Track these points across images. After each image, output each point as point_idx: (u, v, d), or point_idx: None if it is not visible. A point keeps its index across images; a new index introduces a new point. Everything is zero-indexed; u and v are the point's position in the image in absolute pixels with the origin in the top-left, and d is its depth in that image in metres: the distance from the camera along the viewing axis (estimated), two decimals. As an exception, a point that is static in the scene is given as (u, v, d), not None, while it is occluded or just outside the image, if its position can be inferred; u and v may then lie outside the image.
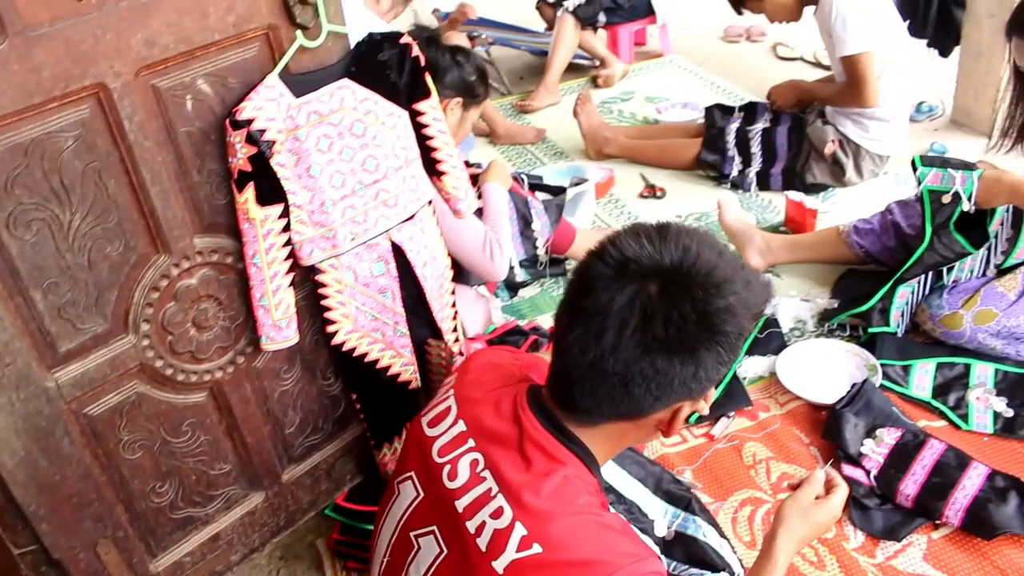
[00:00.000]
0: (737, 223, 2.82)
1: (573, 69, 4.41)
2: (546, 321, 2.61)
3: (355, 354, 1.68)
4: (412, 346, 1.73)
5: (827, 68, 3.72)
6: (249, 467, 1.72)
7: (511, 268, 2.54)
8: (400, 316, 1.69)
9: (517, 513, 1.14)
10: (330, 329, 1.64)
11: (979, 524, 1.84)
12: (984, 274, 2.34)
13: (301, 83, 1.49)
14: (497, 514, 1.15)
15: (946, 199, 2.25)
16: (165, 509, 1.64)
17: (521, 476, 1.17)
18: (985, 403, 2.17)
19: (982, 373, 2.24)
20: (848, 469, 2.00)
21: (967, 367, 2.27)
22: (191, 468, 1.64)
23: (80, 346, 1.44)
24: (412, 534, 1.27)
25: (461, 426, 1.26)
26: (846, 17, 2.87)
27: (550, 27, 4.41)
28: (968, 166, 2.25)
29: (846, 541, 1.89)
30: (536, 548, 1.11)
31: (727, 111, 3.42)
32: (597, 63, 4.43)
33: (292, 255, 1.55)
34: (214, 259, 1.53)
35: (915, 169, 2.31)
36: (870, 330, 2.39)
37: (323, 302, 1.62)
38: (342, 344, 1.66)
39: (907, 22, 3.72)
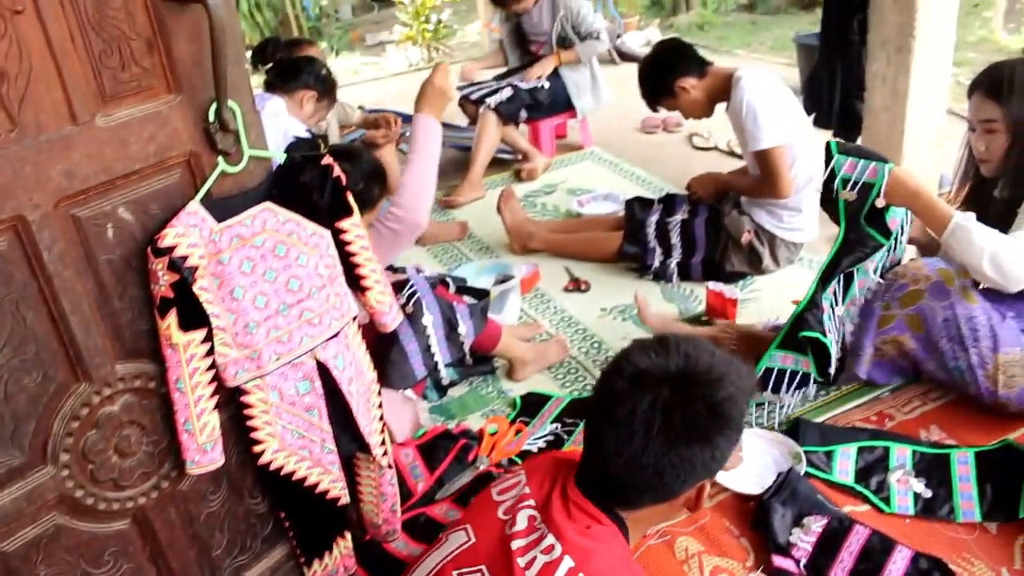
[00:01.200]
0: (657, 319, 2.90)
1: (497, 163, 4.51)
2: (476, 421, 2.62)
3: (282, 473, 1.66)
4: (340, 462, 1.72)
5: (741, 157, 3.87)
6: (176, 593, 1.68)
7: (437, 369, 2.56)
8: (327, 433, 1.69)
9: (567, 548, 1.41)
10: (256, 449, 1.63)
11: (906, 609, 1.88)
12: (883, 276, 2.42)
13: (223, 207, 1.51)
14: (548, 550, 1.42)
15: (850, 196, 2.29)
16: (87, 644, 1.59)
17: (569, 523, 1.47)
18: (905, 485, 2.24)
19: (901, 455, 2.31)
20: (778, 560, 2.03)
21: (886, 450, 2.34)
22: (115, 598, 1.60)
23: (-3, 481, 1.41)
24: (456, 572, 1.50)
25: (525, 490, 1.56)
26: (756, 113, 3.01)
27: (473, 122, 4.52)
28: (882, 158, 2.29)
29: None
30: None
31: (646, 203, 3.53)
32: (520, 157, 4.54)
33: (216, 377, 1.54)
34: (136, 385, 1.51)
35: (830, 156, 2.32)
36: (803, 333, 2.43)
37: (249, 422, 1.61)
38: (269, 463, 1.65)
39: (812, 115, 3.93)
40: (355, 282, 1.72)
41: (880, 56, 3.43)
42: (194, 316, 1.49)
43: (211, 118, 1.47)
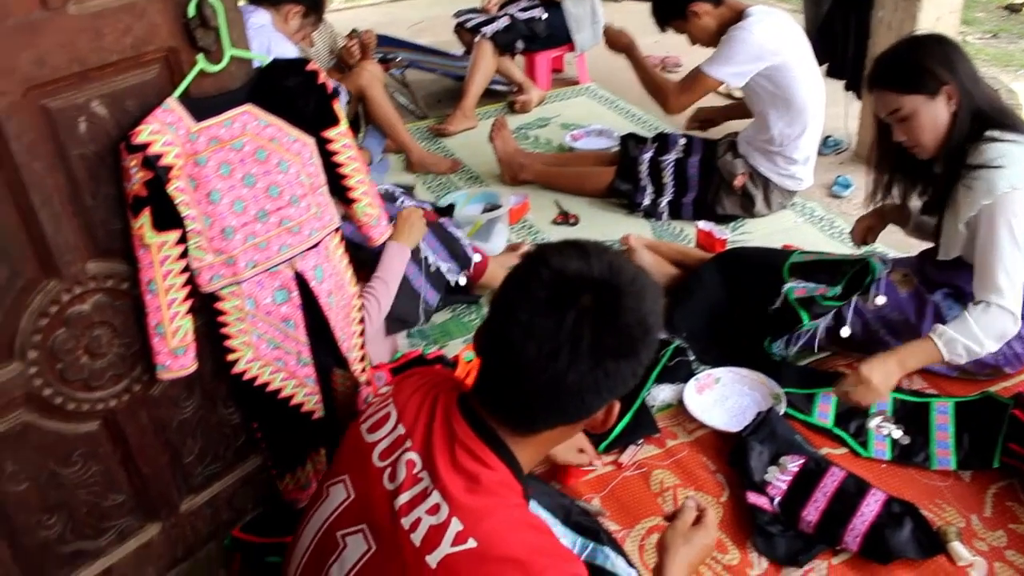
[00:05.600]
0: (652, 264, 2.86)
1: (490, 94, 4.43)
2: (454, 347, 2.61)
3: (256, 383, 1.64)
4: (316, 375, 1.70)
5: (737, 99, 3.81)
6: (145, 498, 1.66)
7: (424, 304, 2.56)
8: (304, 345, 1.66)
9: (453, 509, 1.20)
10: (230, 357, 1.61)
11: (876, 549, 1.88)
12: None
13: (202, 107, 1.46)
14: (433, 511, 1.21)
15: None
16: (53, 543, 1.57)
17: (455, 477, 1.24)
18: (883, 431, 2.23)
19: (881, 402, 2.30)
20: (752, 496, 2.04)
21: (867, 395, 2.33)
22: (82, 500, 1.58)
23: (-39, 375, 1.38)
24: (339, 533, 1.31)
25: (400, 430, 1.32)
26: (731, 44, 2.99)
27: (468, 51, 4.43)
28: (833, 278, 2.43)
29: (750, 568, 1.92)
30: (471, 543, 1.17)
31: (641, 141, 3.48)
32: (515, 89, 4.47)
33: (190, 281, 1.51)
34: (108, 285, 1.48)
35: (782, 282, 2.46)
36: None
37: (223, 330, 1.58)
38: (243, 373, 1.62)
39: (826, 64, 3.85)
40: (342, 193, 1.68)
41: (887, 2, 3.37)
42: (168, 217, 1.45)
43: (191, 13, 1.42)
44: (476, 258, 2.69)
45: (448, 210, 2.82)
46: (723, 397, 2.38)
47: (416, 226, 2.50)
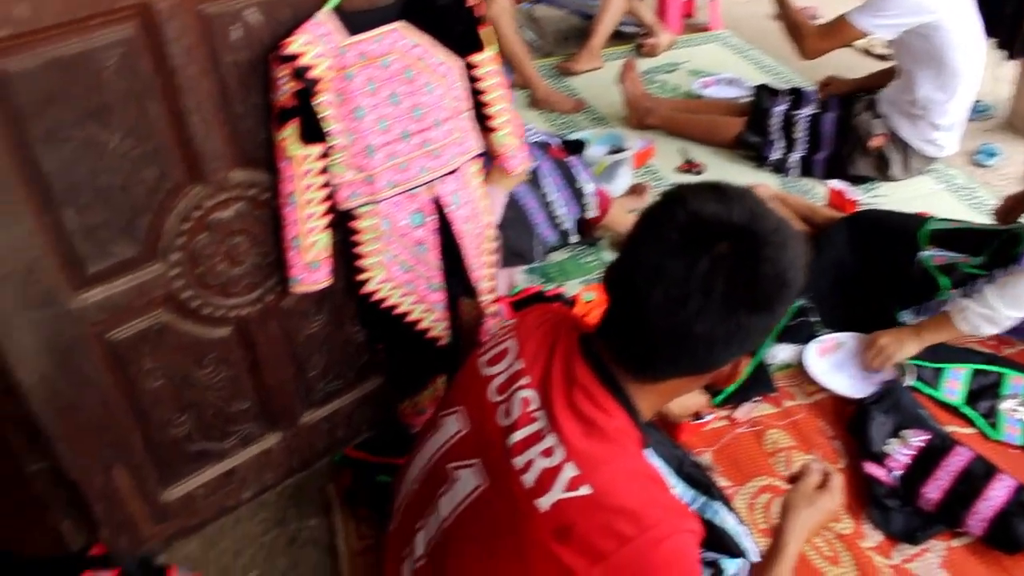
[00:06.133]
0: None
1: (618, 35, 4.32)
2: (571, 288, 2.58)
3: (385, 304, 1.64)
4: (446, 302, 1.69)
5: (879, 57, 3.63)
6: (268, 407, 1.70)
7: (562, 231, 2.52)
8: (435, 270, 1.65)
9: (570, 454, 1.16)
10: (361, 277, 1.61)
11: (1002, 537, 1.80)
12: None
13: (354, 22, 1.45)
14: (547, 453, 1.18)
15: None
16: (181, 441, 1.63)
17: (572, 420, 1.19)
18: (1016, 414, 2.13)
19: (1015, 384, 2.19)
20: (870, 467, 1.97)
21: (1000, 376, 2.22)
22: (210, 402, 1.62)
23: (108, 269, 1.42)
24: (450, 465, 1.30)
25: (519, 365, 1.28)
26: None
27: (598, -11, 4.33)
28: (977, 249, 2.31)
29: (862, 539, 1.86)
30: (585, 490, 1.13)
31: (774, 93, 3.35)
32: (644, 31, 4.35)
33: (329, 197, 1.51)
34: (251, 194, 1.50)
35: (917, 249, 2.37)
36: None
37: (356, 249, 1.58)
38: (373, 293, 1.63)
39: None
40: (483, 121, 1.66)
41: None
42: (313, 130, 1.45)
43: (348, -76, 1.40)
44: (596, 201, 2.64)
45: (577, 147, 2.77)
46: (845, 362, 2.29)
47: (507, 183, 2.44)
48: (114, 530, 1.63)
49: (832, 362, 2.30)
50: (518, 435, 1.21)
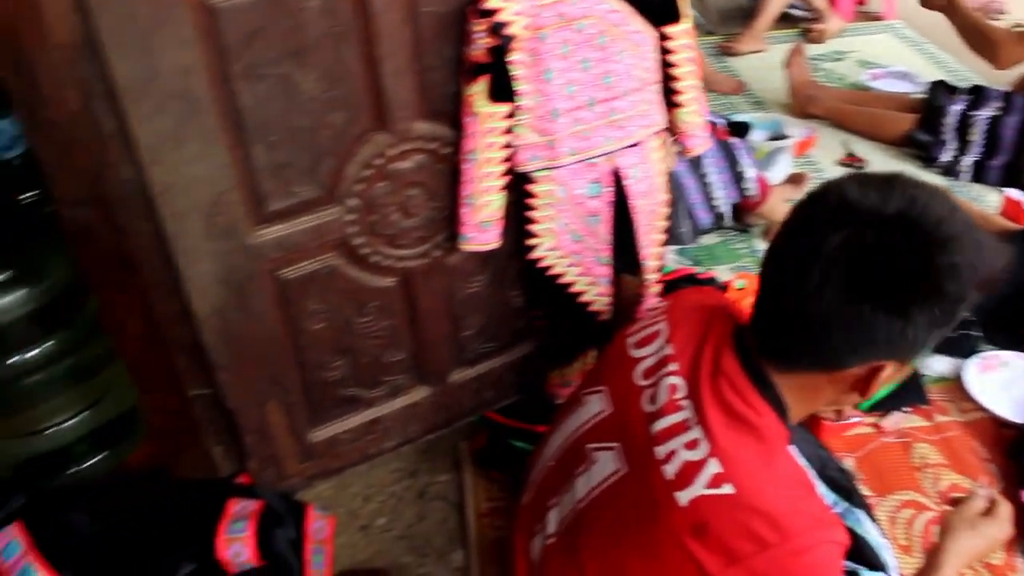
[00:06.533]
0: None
1: (785, 18, 4.17)
2: (722, 273, 2.51)
3: (550, 272, 1.62)
4: (611, 276, 1.66)
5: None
6: (421, 361, 1.71)
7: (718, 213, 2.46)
8: (605, 243, 1.62)
9: (713, 449, 1.11)
10: (530, 242, 1.59)
11: None
12: None
13: (555, -20, 1.42)
14: (692, 445, 1.13)
15: None
16: (334, 384, 1.65)
17: (719, 413, 1.14)
18: None
19: None
20: (1031, 497, 1.86)
21: None
22: (367, 350, 1.64)
23: (288, 209, 1.44)
24: (589, 446, 1.27)
25: (668, 350, 1.23)
26: None
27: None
28: None
29: (1013, 572, 1.76)
30: (727, 488, 1.08)
31: (952, 90, 3.17)
32: (812, 15, 4.18)
33: (509, 158, 1.49)
34: (431, 147, 1.49)
35: None
36: None
37: (528, 213, 1.56)
38: (539, 260, 1.61)
39: None
40: (668, 95, 1.60)
41: None
42: (503, 88, 1.43)
43: None
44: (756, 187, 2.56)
45: (742, 130, 2.69)
46: (1009, 383, 2.16)
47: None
48: (261, 462, 1.67)
49: (995, 381, 2.17)
50: (662, 423, 1.17)
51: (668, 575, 1.14)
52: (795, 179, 2.90)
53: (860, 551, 1.56)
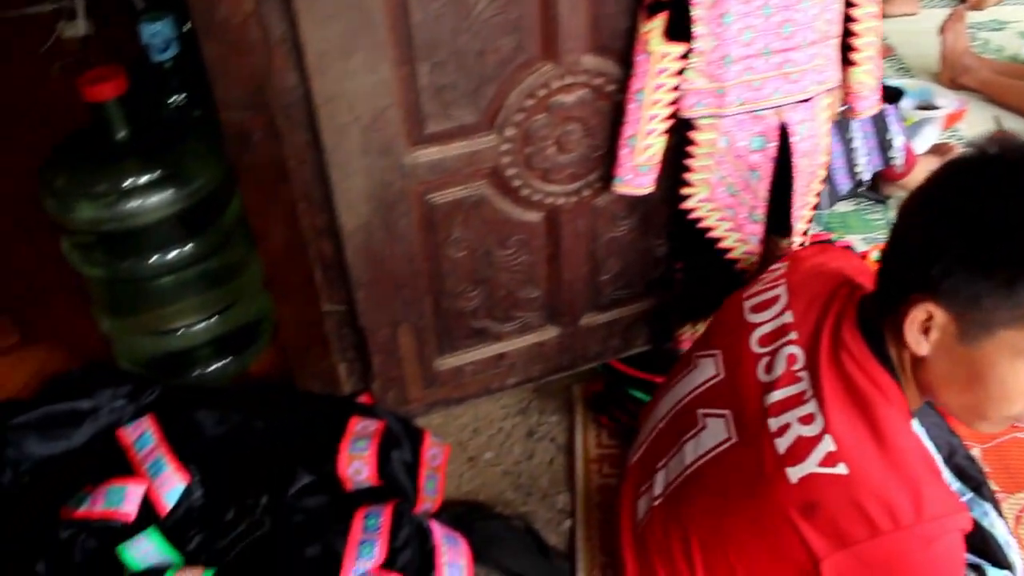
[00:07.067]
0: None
1: (941, -19, 3.96)
2: (859, 245, 2.41)
3: (700, 225, 1.57)
4: (762, 236, 1.60)
5: None
6: (555, 300, 1.68)
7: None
8: (761, 201, 1.55)
9: (829, 425, 1.06)
10: (684, 191, 1.54)
11: None
12: None
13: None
14: (807, 420, 1.09)
15: None
16: (466, 315, 1.63)
17: (837, 388, 1.09)
18: None
19: None
20: None
21: None
22: (503, 283, 1.62)
23: (446, 132, 1.41)
24: (700, 411, 1.24)
25: (787, 318, 1.19)
26: None
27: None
28: None
29: None
30: (841, 468, 1.04)
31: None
32: (972, -21, 3.96)
33: (675, 102, 1.43)
34: (597, 83, 1.44)
35: None
36: None
37: (687, 161, 1.50)
38: (691, 211, 1.55)
39: None
40: (845, 52, 1.52)
41: None
42: (680, 28, 1.37)
43: None
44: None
45: (895, 96, 2.55)
46: None
47: None
48: (385, 384, 1.67)
49: None
50: (777, 395, 1.12)
51: (774, 551, 1.11)
52: (941, 150, 2.76)
53: (985, 546, 1.50)
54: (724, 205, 1.55)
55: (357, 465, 1.57)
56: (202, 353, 1.91)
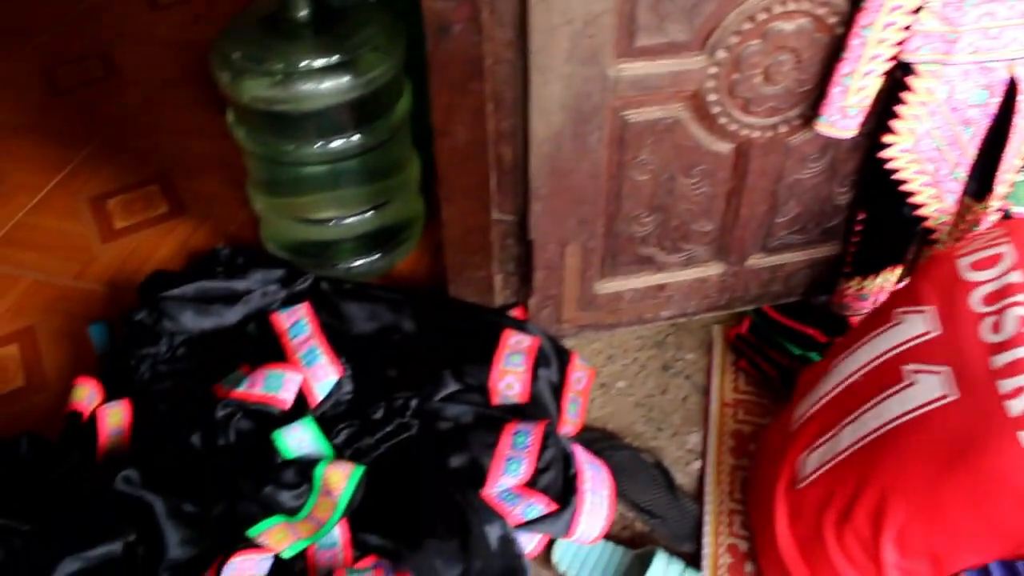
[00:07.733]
0: None
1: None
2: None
3: (895, 176, 1.49)
4: (960, 196, 1.52)
5: None
6: (726, 237, 1.63)
7: None
8: (967, 159, 1.47)
9: None
10: (886, 138, 1.45)
11: None
12: None
13: None
14: None
15: None
16: (636, 241, 1.59)
17: None
18: None
19: None
20: None
21: None
22: (679, 213, 1.57)
23: (655, 47, 1.35)
24: (908, 367, 1.21)
25: (1015, 278, 1.15)
26: None
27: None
28: None
29: None
30: None
31: None
32: None
33: (901, 43, 1.35)
34: (820, 12, 1.35)
35: None
36: None
37: (897, 107, 1.42)
38: (887, 160, 1.47)
39: None
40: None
41: None
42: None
43: None
44: None
45: None
46: None
47: None
48: (542, 301, 1.65)
49: None
50: (1008, 356, 1.09)
51: (996, 521, 1.08)
52: None
53: None
54: (926, 159, 1.47)
55: (510, 380, 1.55)
56: (349, 247, 1.89)
